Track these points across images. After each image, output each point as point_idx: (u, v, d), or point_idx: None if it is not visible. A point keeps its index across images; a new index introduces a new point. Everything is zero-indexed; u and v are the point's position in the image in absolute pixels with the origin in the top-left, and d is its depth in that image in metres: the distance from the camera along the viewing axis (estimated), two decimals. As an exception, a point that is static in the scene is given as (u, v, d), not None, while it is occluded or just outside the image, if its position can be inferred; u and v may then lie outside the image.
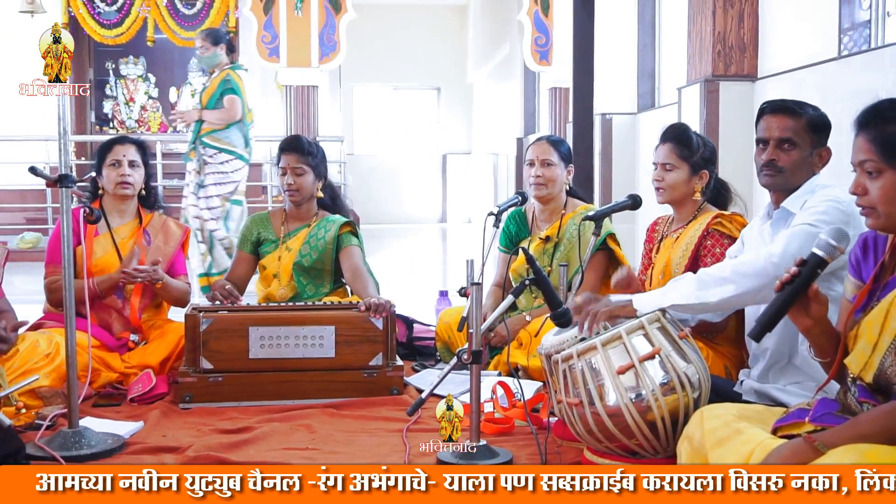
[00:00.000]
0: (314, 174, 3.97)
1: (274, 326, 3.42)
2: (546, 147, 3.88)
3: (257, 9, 9.32)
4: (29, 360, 3.22)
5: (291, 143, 3.99)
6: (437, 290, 4.74)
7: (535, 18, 10.44)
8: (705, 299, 2.53)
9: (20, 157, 9.77)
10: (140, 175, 3.80)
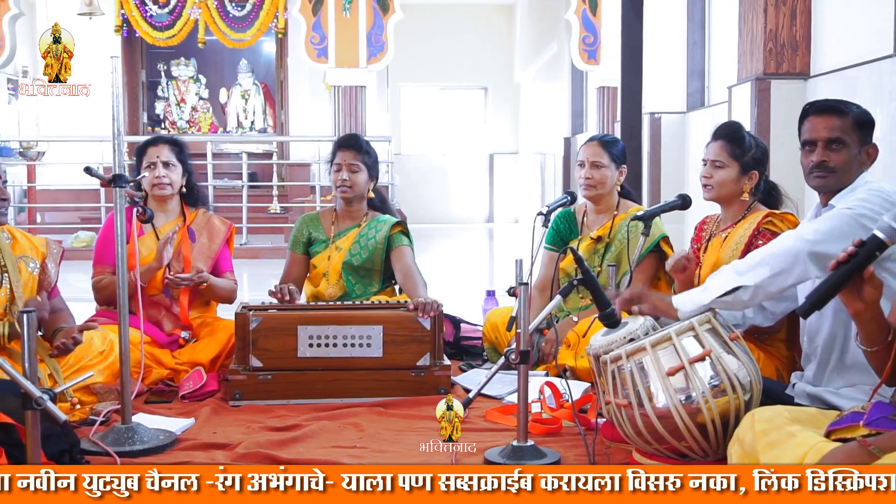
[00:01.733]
0: (368, 173, 3.99)
1: (322, 325, 3.44)
2: (597, 148, 3.85)
3: (306, 10, 9.39)
4: (83, 357, 3.28)
5: (349, 141, 4.02)
6: (483, 290, 4.74)
7: (582, 17, 10.39)
8: (743, 283, 2.50)
9: (74, 157, 9.97)
10: (177, 174, 3.84)
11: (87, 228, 10.11)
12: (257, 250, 9.42)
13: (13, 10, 9.63)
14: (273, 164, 11.75)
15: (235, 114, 13.23)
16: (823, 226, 2.47)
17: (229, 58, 13.11)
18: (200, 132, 12.99)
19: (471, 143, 16.52)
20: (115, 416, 3.07)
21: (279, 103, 12.93)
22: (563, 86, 13.09)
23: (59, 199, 10.96)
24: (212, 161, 10.04)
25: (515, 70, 16.21)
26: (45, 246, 3.38)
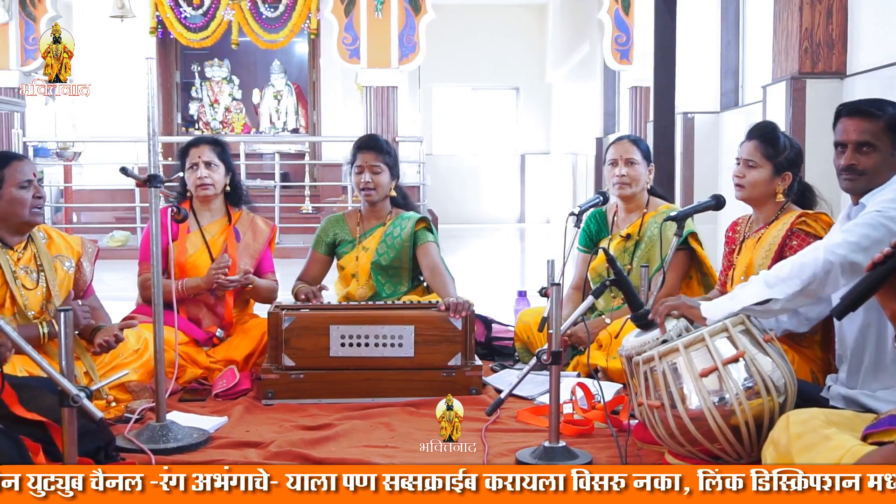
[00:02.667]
0: (390, 173, 4.00)
1: (354, 325, 3.46)
2: (629, 146, 3.85)
3: (338, 11, 9.42)
4: (119, 356, 3.33)
5: (368, 142, 4.02)
6: (515, 290, 4.73)
7: (615, 17, 10.33)
8: (773, 296, 2.47)
9: (110, 158, 10.07)
10: (219, 174, 3.87)
11: (121, 228, 10.21)
12: (289, 250, 9.45)
13: (50, 12, 9.76)
14: (305, 164, 11.80)
15: (268, 114, 13.31)
16: (853, 235, 2.42)
17: (262, 59, 13.19)
18: (233, 133, 13.08)
19: (502, 143, 16.50)
20: (149, 414, 3.10)
21: (311, 104, 12.99)
22: (594, 86, 13.03)
23: (95, 199, 11.08)
24: (245, 161, 10.10)
25: (547, 70, 16.15)
26: (80, 245, 3.42)
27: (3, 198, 3.11)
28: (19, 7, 9.68)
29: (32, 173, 3.16)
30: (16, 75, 9.70)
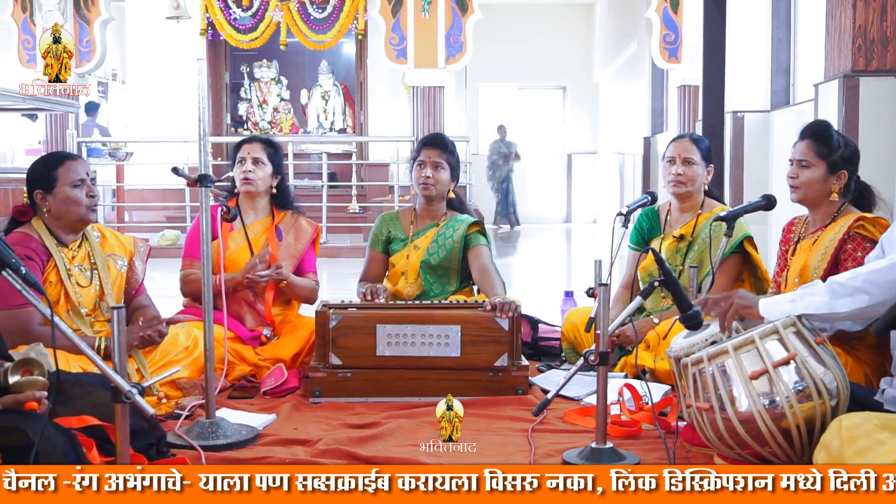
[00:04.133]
0: (451, 173, 4.01)
1: (401, 325, 3.47)
2: (688, 145, 3.81)
3: (385, 11, 9.46)
4: (169, 353, 3.37)
5: (434, 139, 4.06)
6: (561, 291, 4.71)
7: (663, 15, 10.24)
8: (836, 309, 2.44)
9: (161, 157, 10.22)
10: (265, 172, 3.91)
11: (172, 227, 10.36)
12: (337, 249, 9.53)
13: (104, 14, 9.92)
14: (352, 164, 11.87)
15: (316, 115, 13.41)
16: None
17: (310, 59, 13.28)
18: (281, 133, 13.19)
19: (549, 143, 16.45)
20: (199, 411, 3.14)
21: (358, 104, 13.06)
22: (642, 85, 12.93)
23: (146, 199, 11.25)
24: (292, 161, 10.18)
25: (594, 69, 16.07)
26: (132, 244, 3.48)
27: (57, 196, 3.17)
28: (73, 10, 9.86)
29: (85, 172, 3.22)
30: (70, 77, 9.87)
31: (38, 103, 5.60)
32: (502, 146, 14.92)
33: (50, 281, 3.17)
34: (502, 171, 14.78)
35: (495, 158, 14.86)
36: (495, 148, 14.96)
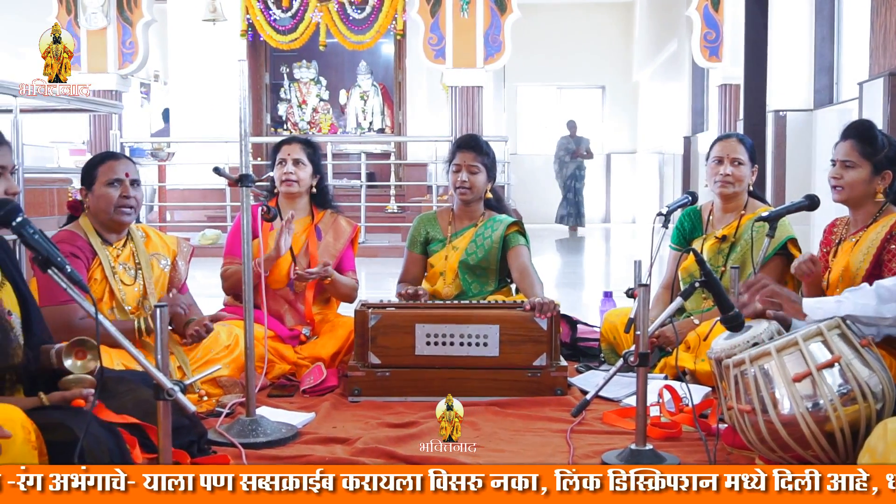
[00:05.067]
0: (487, 174, 4.01)
1: (440, 324, 3.47)
2: (736, 145, 3.76)
3: (424, 11, 9.47)
4: (210, 351, 3.41)
5: (469, 142, 4.04)
6: (600, 291, 4.69)
7: (704, 13, 10.16)
8: (882, 314, 2.41)
9: (202, 158, 10.33)
10: (306, 173, 3.94)
11: (213, 226, 10.45)
12: (375, 249, 9.56)
13: (146, 16, 10.04)
14: (391, 164, 11.91)
15: (354, 115, 13.45)
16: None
17: (349, 60, 13.34)
18: (321, 133, 13.26)
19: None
20: (239, 409, 3.17)
21: (397, 104, 13.09)
22: (682, 84, 12.84)
23: (187, 198, 11.36)
24: (331, 161, 10.24)
25: (634, 68, 15.98)
26: (175, 244, 3.52)
27: (95, 194, 3.23)
28: (117, 12, 9.99)
29: (125, 173, 3.24)
30: (113, 78, 10.02)
31: (82, 104, 5.68)
32: (570, 142, 14.01)
33: (95, 278, 3.22)
34: (569, 168, 13.88)
35: (562, 155, 14.00)
36: (563, 144, 14.09)
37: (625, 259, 10.15)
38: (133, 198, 3.23)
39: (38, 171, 6.06)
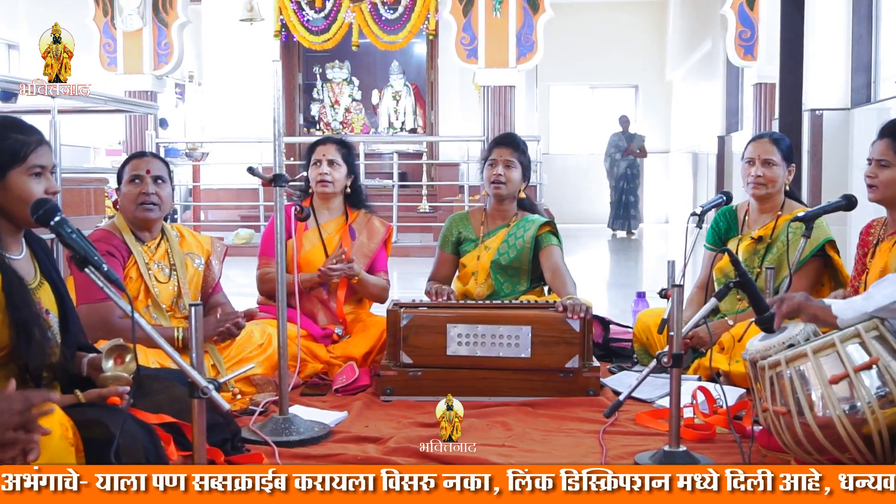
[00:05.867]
0: (522, 172, 4.01)
1: (471, 324, 3.47)
2: (768, 146, 3.72)
3: (456, 11, 9.47)
4: (244, 350, 3.43)
5: (506, 138, 4.07)
6: (633, 291, 4.66)
7: (739, 12, 10.06)
8: None
9: (235, 157, 10.40)
10: (341, 174, 3.96)
11: (246, 226, 10.52)
12: (407, 248, 9.58)
13: (181, 18, 10.13)
14: (422, 163, 11.92)
15: (387, 115, 13.49)
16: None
17: (381, 60, 13.37)
18: (353, 133, 13.30)
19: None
20: (272, 407, 3.19)
21: (429, 104, 13.11)
22: (717, 83, 12.73)
23: (221, 198, 11.45)
24: (363, 161, 10.27)
25: (667, 67, 15.87)
26: (209, 244, 3.55)
27: (121, 192, 3.30)
28: (152, 13, 10.09)
29: (146, 170, 3.27)
30: (149, 79, 10.12)
31: (118, 105, 5.74)
32: (622, 139, 13.33)
33: (130, 277, 3.25)
34: (620, 167, 13.27)
35: (612, 152, 13.36)
36: (613, 141, 13.43)
37: (658, 259, 10.09)
38: (154, 194, 3.26)
39: (76, 171, 6.14)
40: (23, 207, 2.18)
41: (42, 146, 2.26)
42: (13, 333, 2.15)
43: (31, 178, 2.22)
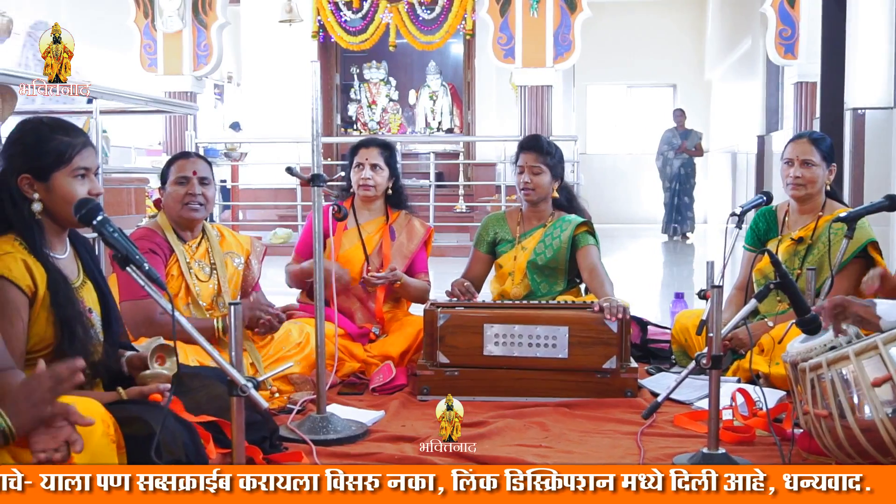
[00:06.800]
0: (551, 174, 3.99)
1: (508, 325, 3.46)
2: (807, 146, 3.67)
3: (494, 11, 9.45)
4: (282, 348, 3.46)
5: (530, 142, 4.03)
6: (671, 292, 4.63)
7: (779, 10, 9.94)
8: None
9: (273, 158, 10.47)
10: (383, 177, 3.98)
11: (284, 225, 10.59)
12: (443, 248, 9.58)
13: (221, 19, 10.21)
14: (459, 163, 11.92)
15: (423, 115, 13.50)
16: None
17: (418, 60, 13.39)
18: (390, 133, 13.34)
19: (658, 142, 16.17)
20: (310, 406, 3.21)
21: (466, 104, 13.10)
22: (756, 82, 12.59)
23: (259, 198, 11.53)
24: (401, 161, 10.29)
25: (706, 66, 15.73)
26: (249, 244, 3.59)
27: (166, 191, 3.36)
28: (192, 15, 10.19)
29: (193, 171, 3.33)
30: (188, 80, 10.22)
31: (158, 105, 5.81)
32: (675, 136, 12.31)
33: (172, 274, 3.30)
34: (673, 167, 12.27)
35: (665, 150, 12.35)
36: (667, 138, 12.43)
37: (696, 260, 10.01)
38: (201, 195, 3.32)
39: (117, 171, 6.21)
40: (67, 208, 2.23)
41: (86, 148, 2.30)
42: (57, 331, 2.20)
43: (76, 180, 2.26)
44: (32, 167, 2.24)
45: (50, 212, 2.26)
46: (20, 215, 2.23)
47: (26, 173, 2.24)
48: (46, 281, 2.20)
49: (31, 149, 2.25)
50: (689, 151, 12.31)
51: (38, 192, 2.25)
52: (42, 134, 2.27)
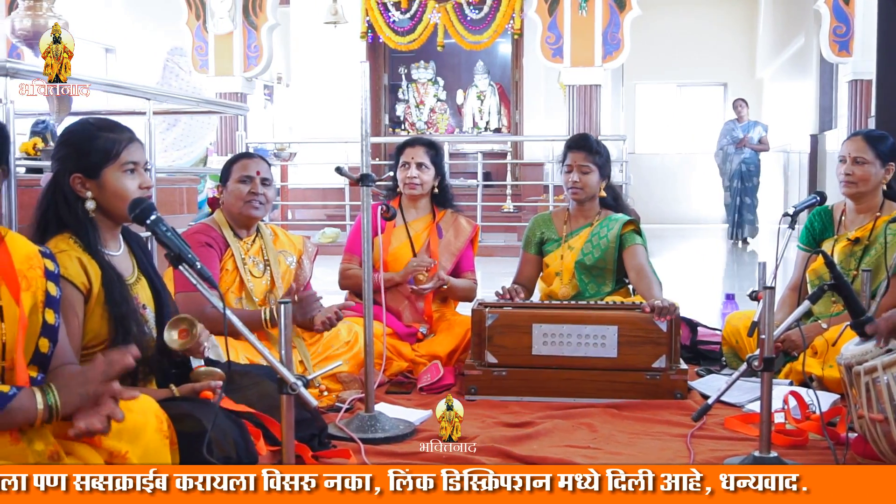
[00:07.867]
0: (599, 173, 3.96)
1: (557, 324, 3.45)
2: (860, 144, 3.60)
3: (542, 10, 9.43)
4: (331, 347, 3.50)
5: (579, 142, 4.01)
6: (722, 293, 4.57)
7: (833, 6, 9.77)
8: None
9: (322, 157, 10.55)
10: (429, 176, 4.00)
11: (332, 225, 10.66)
12: (491, 248, 9.58)
13: (270, 21, 10.31)
14: (507, 163, 11.91)
15: (471, 114, 13.52)
16: None
17: (466, 60, 13.41)
18: (438, 133, 13.37)
19: (708, 141, 16.00)
20: (358, 405, 3.22)
21: (514, 103, 13.09)
22: (809, 80, 12.40)
23: (308, 197, 11.63)
24: (448, 161, 10.31)
25: (757, 65, 15.53)
26: (301, 244, 3.64)
27: (228, 189, 3.41)
28: (242, 17, 10.31)
29: (256, 171, 3.40)
30: (239, 81, 10.34)
31: (210, 106, 5.88)
32: (736, 128, 10.97)
33: (227, 269, 3.37)
34: (734, 162, 10.91)
35: (725, 144, 11.03)
36: (726, 131, 11.10)
37: (747, 260, 9.88)
38: (262, 194, 3.39)
39: (169, 171, 6.30)
40: (119, 203, 2.27)
41: (133, 143, 2.35)
42: (111, 328, 2.23)
43: (125, 175, 2.31)
44: (82, 166, 2.29)
45: (103, 209, 2.31)
46: (74, 214, 2.28)
47: (77, 173, 2.29)
48: (101, 278, 2.24)
49: (80, 148, 2.30)
50: (753, 146, 10.96)
51: (90, 191, 2.30)
52: (89, 133, 2.32)
